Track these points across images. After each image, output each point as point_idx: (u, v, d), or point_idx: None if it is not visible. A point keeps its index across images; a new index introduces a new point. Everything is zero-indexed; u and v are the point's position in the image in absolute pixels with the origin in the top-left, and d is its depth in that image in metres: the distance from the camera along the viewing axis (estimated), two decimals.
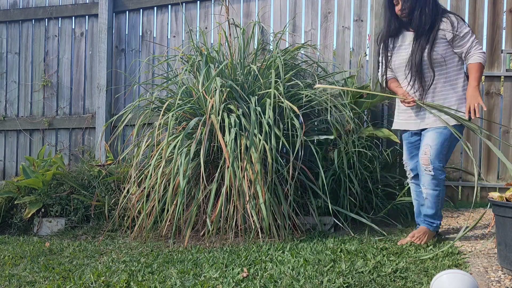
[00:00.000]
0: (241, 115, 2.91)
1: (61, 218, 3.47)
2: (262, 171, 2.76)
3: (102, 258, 2.56)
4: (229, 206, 2.78)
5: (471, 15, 3.68)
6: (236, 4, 4.05)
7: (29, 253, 2.73)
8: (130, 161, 3.42)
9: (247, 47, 3.51)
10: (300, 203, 3.12)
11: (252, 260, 2.33)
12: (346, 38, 3.87)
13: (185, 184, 2.75)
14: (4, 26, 4.66)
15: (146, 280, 2.11)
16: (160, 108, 3.35)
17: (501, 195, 2.05)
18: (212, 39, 4.16)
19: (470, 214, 3.27)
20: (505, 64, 3.63)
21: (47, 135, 4.52)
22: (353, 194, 3.13)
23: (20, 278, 2.22)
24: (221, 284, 2.00)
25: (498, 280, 1.93)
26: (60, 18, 4.51)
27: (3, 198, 3.60)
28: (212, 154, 3.08)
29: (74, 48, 4.49)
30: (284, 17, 3.96)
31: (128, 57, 4.34)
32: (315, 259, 2.28)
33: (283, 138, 2.88)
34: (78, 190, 3.54)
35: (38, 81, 4.57)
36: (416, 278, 1.98)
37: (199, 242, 2.88)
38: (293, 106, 2.86)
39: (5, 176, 4.60)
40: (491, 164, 3.66)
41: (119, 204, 3.17)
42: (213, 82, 2.97)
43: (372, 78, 3.71)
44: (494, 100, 3.67)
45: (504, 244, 1.97)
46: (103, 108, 4.25)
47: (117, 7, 4.33)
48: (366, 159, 3.21)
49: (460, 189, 3.71)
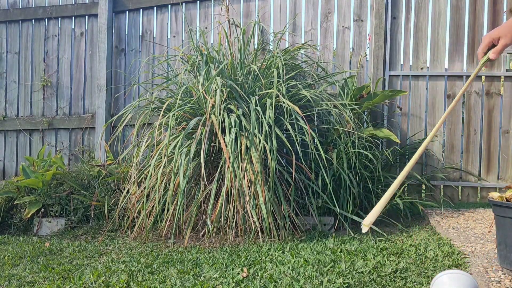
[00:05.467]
0: (241, 115, 2.91)
1: (61, 218, 3.46)
2: (262, 171, 2.76)
3: (102, 258, 2.55)
4: (229, 206, 2.78)
5: (471, 15, 3.68)
6: (236, 4, 4.05)
7: (29, 253, 2.72)
8: (130, 161, 3.42)
9: (247, 47, 3.51)
10: (300, 203, 3.11)
11: (252, 260, 2.33)
12: (346, 38, 3.87)
13: (185, 184, 2.75)
14: (4, 26, 4.66)
15: (146, 280, 2.11)
16: (160, 108, 3.35)
17: (501, 195, 2.05)
18: (212, 39, 4.16)
19: (470, 214, 3.27)
20: (505, 64, 3.63)
21: (47, 135, 4.52)
22: (353, 194, 3.12)
23: (20, 278, 2.22)
24: (221, 284, 2.00)
25: (498, 280, 1.92)
26: (60, 18, 4.51)
27: (3, 198, 3.60)
28: (212, 154, 3.08)
29: (74, 48, 4.49)
30: (284, 17, 3.96)
31: (128, 57, 4.34)
32: (315, 259, 2.27)
33: (284, 138, 2.88)
34: (78, 190, 3.54)
35: (38, 81, 4.56)
36: (416, 278, 1.98)
37: (199, 242, 2.87)
38: (294, 107, 2.86)
39: (5, 176, 4.60)
40: (491, 164, 3.66)
41: (119, 204, 3.17)
42: (213, 82, 2.97)
43: (372, 78, 3.71)
44: (494, 100, 3.67)
45: (504, 244, 1.97)
46: (103, 108, 4.25)
47: (117, 7, 4.33)
48: (366, 159, 3.21)
49: (460, 189, 3.71)
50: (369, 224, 1.48)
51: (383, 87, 3.71)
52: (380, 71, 3.71)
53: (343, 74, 3.74)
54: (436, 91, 3.72)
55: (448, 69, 3.75)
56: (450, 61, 3.73)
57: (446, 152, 3.71)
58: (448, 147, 3.71)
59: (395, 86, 3.75)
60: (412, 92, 3.75)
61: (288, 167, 3.06)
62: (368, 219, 1.49)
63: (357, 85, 3.63)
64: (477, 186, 3.67)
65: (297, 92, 3.21)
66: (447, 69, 3.75)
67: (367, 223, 1.48)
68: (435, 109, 3.71)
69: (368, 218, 1.49)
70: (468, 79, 1.60)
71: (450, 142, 3.71)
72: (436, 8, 3.72)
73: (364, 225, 1.49)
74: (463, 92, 1.60)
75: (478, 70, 1.60)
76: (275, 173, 2.88)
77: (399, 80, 3.76)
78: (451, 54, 3.72)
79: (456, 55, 3.72)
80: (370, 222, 1.48)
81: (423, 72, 3.72)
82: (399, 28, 3.76)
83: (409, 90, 3.75)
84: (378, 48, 3.72)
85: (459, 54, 3.72)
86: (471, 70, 3.69)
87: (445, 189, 3.73)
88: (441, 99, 3.72)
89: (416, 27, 3.74)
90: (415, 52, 3.75)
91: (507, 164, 3.65)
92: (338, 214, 3.06)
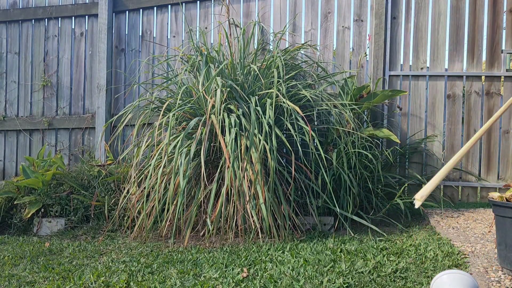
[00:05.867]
0: (241, 115, 2.91)
1: (61, 218, 3.46)
2: (262, 171, 2.76)
3: (102, 258, 2.55)
4: (229, 206, 2.78)
5: (471, 15, 3.69)
6: (236, 4, 4.05)
7: (29, 253, 2.72)
8: (130, 161, 3.42)
9: (247, 47, 3.51)
10: (300, 203, 3.11)
11: (252, 260, 2.33)
12: (346, 38, 3.87)
13: (185, 184, 2.75)
14: (4, 26, 4.66)
15: (146, 280, 2.11)
16: (160, 108, 3.35)
17: (501, 195, 2.05)
18: (212, 39, 4.16)
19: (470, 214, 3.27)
20: (505, 64, 3.63)
21: (47, 135, 4.52)
22: (353, 194, 3.12)
23: (20, 278, 2.22)
24: (221, 284, 2.00)
25: (498, 280, 1.93)
26: (60, 18, 4.51)
27: (3, 198, 3.60)
28: (212, 154, 3.08)
29: (74, 48, 4.49)
30: (284, 17, 3.96)
31: (128, 57, 4.34)
32: (315, 259, 2.27)
33: (284, 138, 2.88)
34: (78, 190, 3.54)
35: (38, 81, 4.56)
36: (416, 278, 1.98)
37: (199, 242, 2.87)
38: (295, 107, 2.86)
39: (5, 176, 4.60)
40: (491, 164, 3.66)
41: (119, 204, 3.17)
42: (213, 82, 2.97)
43: (372, 78, 3.72)
44: (494, 100, 3.67)
45: (504, 244, 1.97)
46: (103, 108, 4.25)
47: (117, 7, 4.33)
48: (366, 159, 3.21)
49: (460, 189, 3.71)
50: (421, 198, 1.44)
51: (383, 87, 3.71)
52: (380, 71, 3.72)
53: (343, 74, 3.74)
54: (436, 91, 3.72)
55: (448, 69, 3.75)
56: (450, 61, 3.73)
57: (446, 152, 3.71)
58: (448, 147, 3.71)
59: (395, 86, 3.75)
60: (412, 92, 3.75)
61: (288, 167, 3.06)
62: (420, 193, 1.44)
63: (357, 85, 3.63)
64: (477, 186, 3.67)
65: (297, 92, 3.21)
66: (447, 69, 3.75)
67: (419, 196, 1.44)
68: (435, 109, 3.71)
69: (421, 192, 1.44)
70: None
71: (450, 142, 3.71)
72: (436, 8, 3.72)
73: (417, 199, 1.44)
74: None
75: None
76: (275, 173, 2.88)
77: (399, 80, 3.76)
78: (451, 54, 3.72)
79: (456, 55, 3.72)
80: (422, 196, 1.44)
81: (423, 72, 3.72)
82: (399, 28, 3.76)
83: (409, 90, 3.75)
84: (378, 48, 3.72)
85: (459, 54, 3.72)
86: (471, 70, 3.69)
87: (445, 189, 3.73)
88: (441, 99, 3.72)
89: (416, 27, 3.74)
90: (415, 52, 3.75)
91: (507, 164, 3.65)
92: (338, 214, 3.06)
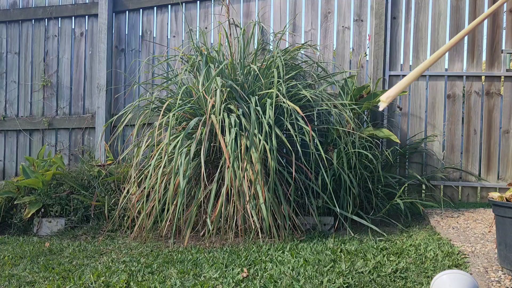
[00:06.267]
0: (241, 115, 2.91)
1: (61, 218, 3.46)
2: (262, 171, 2.76)
3: (102, 258, 2.55)
4: (229, 206, 2.78)
5: (471, 15, 3.68)
6: (236, 4, 4.05)
7: (29, 253, 2.72)
8: (130, 161, 3.42)
9: (247, 47, 3.51)
10: (300, 203, 3.11)
11: (252, 260, 2.33)
12: (346, 38, 3.87)
13: (185, 184, 2.75)
14: (4, 26, 4.66)
15: (146, 280, 2.11)
16: (160, 108, 3.35)
17: (501, 195, 2.05)
18: (212, 39, 4.16)
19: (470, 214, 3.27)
20: (505, 64, 3.63)
21: (47, 135, 4.52)
22: (353, 194, 3.12)
23: (20, 278, 2.22)
24: (221, 284, 2.00)
25: (498, 280, 1.92)
26: (60, 18, 4.51)
27: (3, 198, 3.60)
28: (212, 154, 3.08)
29: (74, 48, 4.49)
30: (284, 17, 3.96)
31: (128, 57, 4.34)
32: (315, 259, 2.27)
33: (284, 138, 2.87)
34: (78, 190, 3.54)
35: (38, 81, 4.56)
36: (416, 278, 1.98)
37: (199, 242, 2.87)
38: (295, 107, 2.86)
39: (5, 176, 4.60)
40: (491, 164, 3.66)
41: (119, 204, 3.17)
42: (213, 82, 2.97)
43: (372, 78, 3.72)
44: (494, 100, 3.67)
45: (504, 244, 1.97)
46: (103, 108, 4.25)
47: (117, 7, 4.33)
48: (366, 159, 3.21)
49: (460, 189, 3.71)
50: (386, 99, 1.15)
51: (383, 87, 3.71)
52: (380, 71, 3.72)
53: (343, 74, 3.74)
54: (436, 91, 3.72)
55: (448, 69, 3.75)
56: (450, 61, 3.73)
57: (446, 152, 3.71)
58: (448, 147, 3.71)
59: None
60: (412, 92, 3.75)
61: (288, 167, 3.06)
62: (387, 94, 1.13)
63: (357, 85, 3.63)
64: (477, 186, 3.67)
65: (297, 92, 3.21)
66: (447, 69, 3.75)
67: (385, 98, 1.13)
68: (435, 109, 3.71)
69: (389, 92, 1.13)
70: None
71: (450, 142, 3.71)
72: (436, 8, 3.72)
73: (382, 101, 1.15)
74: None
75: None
76: (275, 173, 2.88)
77: (399, 80, 3.75)
78: (451, 54, 3.72)
79: (456, 55, 3.72)
80: (388, 97, 1.13)
81: (423, 72, 3.72)
82: (399, 28, 3.76)
83: (409, 90, 3.75)
84: (378, 48, 3.72)
85: (459, 54, 3.72)
86: (471, 70, 3.69)
87: (445, 189, 3.73)
88: (441, 99, 3.72)
89: (416, 27, 3.74)
90: (415, 52, 3.75)
91: (507, 164, 3.65)
92: (338, 214, 3.06)
